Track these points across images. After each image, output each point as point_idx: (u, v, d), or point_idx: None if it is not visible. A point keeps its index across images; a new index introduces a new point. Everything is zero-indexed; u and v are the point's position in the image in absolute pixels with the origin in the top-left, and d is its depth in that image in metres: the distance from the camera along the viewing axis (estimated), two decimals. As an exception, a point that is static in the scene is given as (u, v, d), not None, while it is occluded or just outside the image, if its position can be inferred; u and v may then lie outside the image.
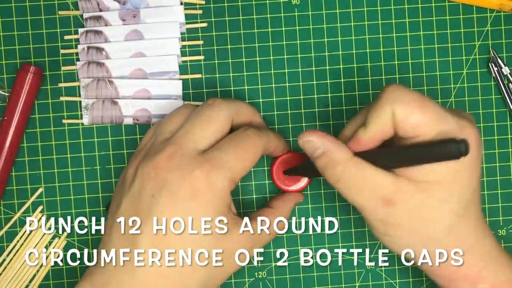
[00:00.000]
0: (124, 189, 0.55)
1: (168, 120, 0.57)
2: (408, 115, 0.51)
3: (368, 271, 0.65)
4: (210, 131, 0.55)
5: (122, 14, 0.63)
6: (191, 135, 0.55)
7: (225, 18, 0.64)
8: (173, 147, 0.54)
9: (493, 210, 0.65)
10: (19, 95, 0.62)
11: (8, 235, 0.64)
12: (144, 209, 0.53)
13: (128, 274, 0.53)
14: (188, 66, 0.64)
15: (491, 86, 0.65)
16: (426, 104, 0.51)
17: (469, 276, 0.54)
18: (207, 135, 0.55)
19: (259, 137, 0.56)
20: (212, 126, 0.55)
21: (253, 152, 0.55)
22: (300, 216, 0.65)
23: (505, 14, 0.65)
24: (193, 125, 0.55)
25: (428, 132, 0.51)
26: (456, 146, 0.49)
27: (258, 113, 0.60)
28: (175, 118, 0.57)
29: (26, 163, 0.64)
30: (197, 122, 0.55)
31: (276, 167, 0.62)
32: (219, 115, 0.56)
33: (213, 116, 0.55)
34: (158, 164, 0.54)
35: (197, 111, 0.56)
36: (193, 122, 0.55)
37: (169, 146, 0.54)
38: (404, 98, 0.51)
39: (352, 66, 0.64)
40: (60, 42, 0.64)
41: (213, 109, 0.56)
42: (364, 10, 0.64)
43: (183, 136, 0.55)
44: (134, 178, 0.54)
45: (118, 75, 0.64)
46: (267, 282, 0.65)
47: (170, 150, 0.54)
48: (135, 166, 0.55)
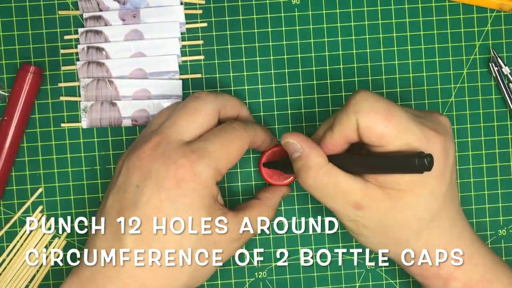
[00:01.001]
0: (111, 183, 0.55)
1: (157, 115, 0.58)
2: (372, 125, 0.51)
3: (368, 271, 0.65)
4: (196, 123, 0.55)
5: (122, 14, 0.63)
6: (177, 126, 0.55)
7: (225, 18, 0.64)
8: (159, 137, 0.54)
9: (493, 210, 0.65)
10: (19, 95, 0.62)
11: (8, 235, 0.64)
12: (129, 200, 0.53)
13: (115, 268, 0.53)
14: (188, 66, 0.64)
15: (491, 86, 0.65)
16: (392, 114, 0.51)
17: (441, 275, 0.56)
18: (193, 126, 0.55)
19: (245, 130, 0.56)
20: (198, 119, 0.55)
21: (239, 144, 0.55)
22: (300, 216, 0.65)
23: (505, 14, 0.65)
24: (179, 116, 0.55)
25: (393, 142, 0.51)
26: (419, 160, 0.49)
27: (245, 106, 0.60)
28: (163, 112, 0.58)
29: (26, 163, 0.64)
30: (183, 114, 0.55)
31: (263, 161, 0.62)
32: (205, 108, 0.56)
33: (200, 108, 0.55)
34: (143, 154, 0.54)
35: (183, 103, 0.56)
36: (179, 114, 0.55)
37: (155, 136, 0.54)
38: (370, 108, 0.51)
39: (352, 66, 0.64)
40: (60, 42, 0.64)
41: (199, 101, 0.56)
42: (364, 10, 0.64)
43: (169, 127, 0.55)
44: (120, 170, 0.55)
45: (118, 75, 0.64)
46: (267, 282, 0.65)
47: (155, 140, 0.54)
48: (123, 160, 0.55)
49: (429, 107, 0.65)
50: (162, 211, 0.52)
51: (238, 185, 0.65)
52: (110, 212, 0.54)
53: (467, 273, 0.56)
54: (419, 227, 0.54)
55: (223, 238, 0.55)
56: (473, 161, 0.65)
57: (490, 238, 0.65)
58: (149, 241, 0.53)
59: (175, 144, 0.54)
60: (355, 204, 0.53)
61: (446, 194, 0.54)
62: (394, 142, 0.51)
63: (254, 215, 0.57)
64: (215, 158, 0.54)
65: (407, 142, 0.51)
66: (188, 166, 0.53)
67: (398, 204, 0.53)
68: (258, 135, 0.58)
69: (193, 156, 0.53)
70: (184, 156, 0.53)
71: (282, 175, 0.62)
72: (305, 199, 0.65)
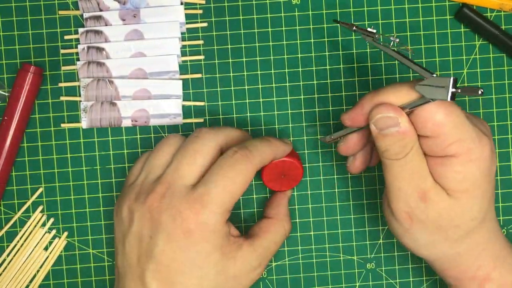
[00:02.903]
0: (124, 230, 0.56)
1: (157, 154, 0.57)
2: (433, 112, 0.51)
3: (368, 271, 0.65)
4: (197, 165, 0.55)
5: (122, 14, 0.63)
6: (178, 172, 0.55)
7: (225, 18, 0.64)
8: (163, 186, 0.55)
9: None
10: (19, 95, 0.62)
11: (8, 235, 0.64)
12: (145, 249, 0.54)
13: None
14: (188, 66, 0.64)
15: (491, 86, 0.65)
16: (452, 108, 0.52)
17: (478, 276, 0.56)
18: (194, 169, 0.55)
19: (248, 159, 0.55)
20: (198, 160, 0.55)
21: (243, 178, 0.55)
22: (300, 216, 0.65)
23: (506, 14, 0.65)
24: (180, 161, 0.55)
25: (447, 134, 0.52)
26: None
27: (249, 136, 0.60)
28: (162, 151, 0.57)
29: (26, 163, 0.64)
30: (183, 158, 0.55)
31: (266, 168, 0.60)
32: (205, 148, 0.56)
33: (199, 150, 0.55)
34: (151, 206, 0.54)
35: (183, 146, 0.56)
36: (179, 159, 0.56)
37: (159, 185, 0.55)
38: None
39: (352, 66, 0.64)
40: (60, 42, 0.64)
41: (198, 141, 0.56)
42: (365, 10, 0.64)
43: (171, 174, 0.55)
44: (132, 218, 0.55)
45: (118, 75, 0.64)
46: (267, 282, 0.65)
47: (160, 190, 0.55)
48: (129, 206, 0.56)
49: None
50: (177, 259, 0.53)
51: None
52: (131, 257, 0.55)
53: (502, 274, 0.56)
54: (471, 227, 0.54)
55: (243, 270, 0.55)
56: (473, 161, 0.65)
57: (490, 238, 0.65)
58: (171, 285, 0.54)
59: (179, 193, 0.54)
60: (423, 193, 0.53)
61: (492, 196, 0.55)
62: (448, 134, 0.52)
63: (271, 238, 0.58)
64: (219, 202, 0.54)
65: (461, 138, 0.52)
66: (193, 217, 0.53)
67: (456, 205, 0.53)
68: (265, 156, 0.57)
69: (197, 206, 0.53)
70: (189, 207, 0.53)
71: (284, 181, 0.61)
72: (305, 199, 0.65)
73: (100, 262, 0.65)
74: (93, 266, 0.65)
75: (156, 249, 0.54)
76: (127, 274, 0.55)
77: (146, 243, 0.54)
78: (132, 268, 0.55)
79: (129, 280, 0.55)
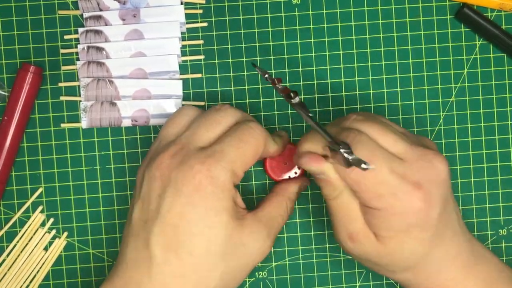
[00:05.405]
0: (135, 195, 0.56)
1: (172, 123, 0.58)
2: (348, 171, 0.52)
3: (369, 271, 0.65)
4: (215, 133, 0.56)
5: (122, 14, 0.63)
6: (195, 136, 0.55)
7: (225, 17, 0.64)
8: (176, 147, 0.55)
9: (494, 210, 0.65)
10: (19, 95, 0.62)
11: (8, 235, 0.64)
12: (152, 210, 0.54)
13: (146, 276, 0.53)
14: (188, 66, 0.64)
15: (492, 86, 0.65)
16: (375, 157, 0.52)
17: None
18: (211, 135, 0.56)
19: (260, 130, 0.56)
20: (217, 129, 0.56)
21: (255, 145, 0.56)
22: (300, 216, 0.65)
23: (506, 14, 0.65)
24: (199, 126, 0.56)
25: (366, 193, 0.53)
26: None
27: None
28: (177, 120, 0.57)
29: (26, 163, 0.64)
30: (202, 125, 0.56)
31: (269, 158, 0.61)
32: (224, 121, 0.56)
33: (220, 121, 0.56)
34: (161, 164, 0.54)
35: (204, 115, 0.57)
36: (199, 125, 0.56)
37: (173, 146, 0.55)
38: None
39: (352, 66, 0.64)
40: (60, 41, 0.64)
41: (220, 113, 0.57)
42: (365, 9, 0.64)
43: (187, 137, 0.55)
44: (142, 181, 0.55)
45: (118, 74, 0.64)
46: (268, 282, 0.65)
47: (173, 149, 0.55)
48: (142, 171, 0.56)
49: (430, 106, 0.65)
50: (185, 217, 0.53)
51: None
52: (137, 223, 0.55)
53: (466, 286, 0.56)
54: (406, 265, 0.55)
55: (251, 238, 0.55)
56: (473, 161, 0.65)
57: (491, 238, 0.65)
58: (176, 247, 0.53)
59: (192, 151, 0.54)
60: (350, 234, 0.55)
61: (433, 237, 0.54)
62: (365, 190, 0.53)
63: (275, 210, 0.58)
64: (230, 160, 0.54)
65: (380, 194, 0.52)
66: (205, 170, 0.53)
67: (385, 249, 0.54)
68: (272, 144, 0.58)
69: (209, 160, 0.53)
70: (200, 161, 0.53)
71: (287, 171, 0.61)
72: (306, 199, 0.65)
73: (100, 262, 0.65)
74: (93, 266, 0.65)
75: (164, 207, 0.53)
76: (130, 243, 0.54)
77: (154, 203, 0.54)
78: (138, 234, 0.54)
79: (131, 249, 0.54)
